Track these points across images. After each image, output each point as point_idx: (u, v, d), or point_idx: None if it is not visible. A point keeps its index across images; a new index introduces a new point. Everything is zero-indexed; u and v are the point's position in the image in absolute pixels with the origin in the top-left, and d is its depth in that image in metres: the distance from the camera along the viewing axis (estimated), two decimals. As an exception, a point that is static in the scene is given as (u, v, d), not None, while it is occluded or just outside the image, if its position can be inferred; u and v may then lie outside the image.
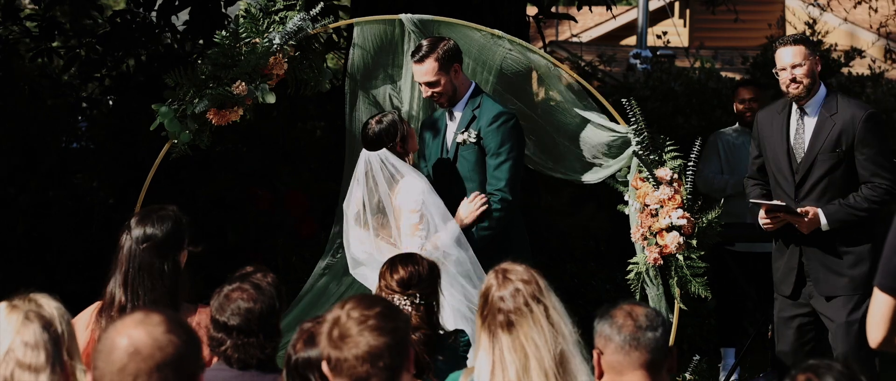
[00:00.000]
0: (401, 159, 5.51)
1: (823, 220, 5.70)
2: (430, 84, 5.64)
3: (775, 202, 5.73)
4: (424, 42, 5.70)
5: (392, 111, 5.73)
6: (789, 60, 5.74)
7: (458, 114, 5.76)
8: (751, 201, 5.87)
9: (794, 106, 5.83)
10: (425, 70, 5.63)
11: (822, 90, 5.82)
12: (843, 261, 5.75)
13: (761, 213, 5.82)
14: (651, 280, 5.69)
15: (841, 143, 5.70)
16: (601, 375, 3.31)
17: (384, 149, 5.50)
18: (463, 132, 5.71)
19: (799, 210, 5.68)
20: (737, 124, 7.60)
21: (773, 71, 5.84)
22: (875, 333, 3.64)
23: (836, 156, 5.71)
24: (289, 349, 3.32)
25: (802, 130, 5.80)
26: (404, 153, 5.53)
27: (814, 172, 5.75)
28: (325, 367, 3.09)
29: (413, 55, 5.69)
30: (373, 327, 3.05)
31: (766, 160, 5.95)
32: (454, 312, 5.26)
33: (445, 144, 5.80)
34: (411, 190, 5.48)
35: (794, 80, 5.73)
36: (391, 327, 3.08)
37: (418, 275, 4.37)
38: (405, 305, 4.30)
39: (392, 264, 4.45)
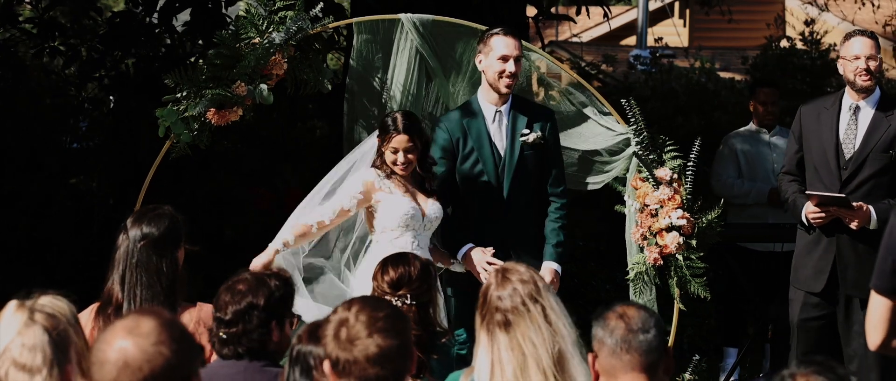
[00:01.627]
0: (379, 153, 5.48)
1: (874, 217, 5.63)
2: (516, 60, 5.55)
3: (831, 194, 5.64)
4: (500, 26, 5.64)
5: (405, 115, 5.53)
6: (867, 51, 5.69)
7: (505, 113, 5.65)
8: (807, 192, 5.76)
9: (846, 102, 5.79)
10: (517, 44, 5.57)
11: (878, 91, 5.80)
12: (873, 263, 5.69)
13: (809, 206, 5.73)
14: (650, 282, 5.69)
15: (894, 145, 5.68)
16: (597, 377, 3.31)
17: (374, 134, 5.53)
18: (528, 132, 5.62)
19: (853, 204, 5.60)
20: (751, 125, 7.51)
21: (839, 59, 5.78)
22: (874, 336, 3.63)
23: (888, 157, 5.68)
24: (293, 340, 3.33)
25: (855, 126, 5.75)
26: (382, 152, 5.48)
27: (864, 170, 5.70)
28: (327, 367, 3.09)
29: (496, 30, 5.59)
30: (382, 329, 3.06)
31: (807, 153, 5.87)
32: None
33: (495, 145, 5.64)
34: (356, 176, 5.49)
35: (867, 69, 5.68)
36: (400, 328, 3.10)
37: (408, 276, 4.38)
38: (397, 306, 4.31)
39: (383, 265, 4.47)
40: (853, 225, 5.64)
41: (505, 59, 5.54)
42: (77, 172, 8.82)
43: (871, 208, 5.63)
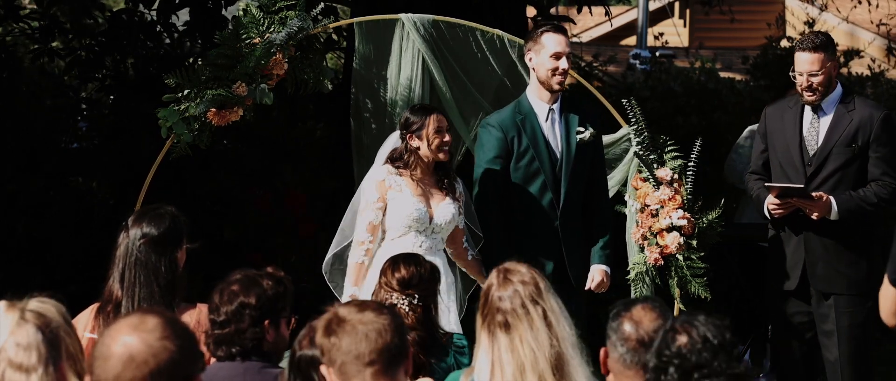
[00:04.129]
0: (404, 150, 5.44)
1: (834, 208, 5.66)
2: (567, 56, 5.51)
3: (789, 185, 5.68)
4: (546, 22, 5.62)
5: (431, 107, 5.53)
6: (806, 68, 5.69)
7: (557, 112, 5.61)
8: (765, 185, 5.81)
9: None
10: (567, 41, 5.55)
11: (839, 88, 5.81)
12: (842, 259, 5.74)
13: (770, 198, 5.77)
14: (651, 281, 5.70)
15: (857, 139, 5.70)
16: (608, 371, 3.30)
17: (396, 134, 5.50)
18: (583, 130, 5.59)
19: (813, 194, 5.64)
20: None
21: (791, 72, 5.80)
22: (891, 319, 3.59)
23: (852, 151, 5.70)
24: (294, 345, 3.33)
25: (817, 122, 5.78)
26: (413, 148, 5.42)
27: (828, 165, 5.73)
28: (323, 368, 3.09)
29: (546, 27, 5.57)
30: (369, 319, 3.07)
31: (772, 153, 5.92)
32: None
33: (551, 144, 5.60)
34: (368, 181, 5.47)
35: (809, 87, 5.70)
36: (387, 321, 3.10)
37: (419, 276, 4.37)
38: (403, 304, 4.29)
39: (394, 262, 4.45)
40: (813, 216, 5.67)
41: (557, 56, 5.50)
42: (77, 172, 8.81)
43: (831, 198, 5.66)
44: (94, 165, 8.67)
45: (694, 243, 5.63)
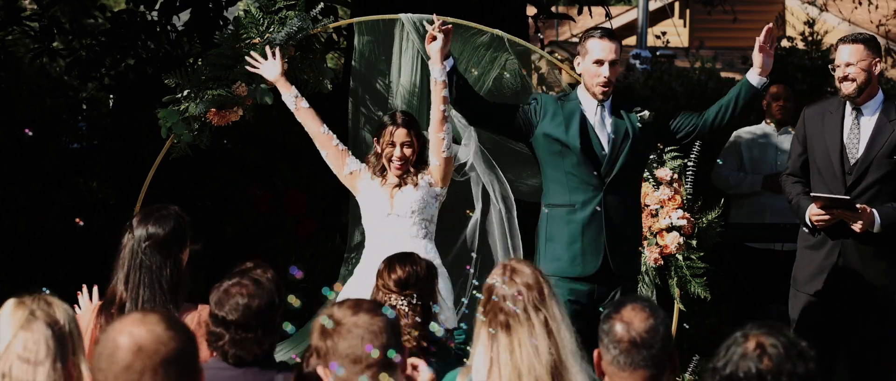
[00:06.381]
0: (376, 152, 5.53)
1: (877, 221, 5.61)
2: (613, 63, 5.34)
3: (836, 197, 5.63)
4: (598, 28, 5.52)
5: (401, 119, 5.47)
6: (844, 58, 5.68)
7: (606, 106, 5.41)
8: (812, 194, 5.73)
9: (849, 106, 5.77)
10: (614, 48, 5.38)
11: (881, 95, 5.76)
12: (878, 267, 5.69)
13: (813, 208, 5.71)
14: (651, 281, 5.70)
15: None
16: (603, 374, 3.30)
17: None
18: (640, 109, 5.45)
19: (858, 206, 5.59)
20: (762, 123, 7.62)
21: (830, 66, 5.79)
22: None
23: (892, 163, 5.65)
24: (304, 363, 3.33)
25: (857, 130, 5.73)
26: (377, 153, 5.51)
27: (868, 175, 5.68)
28: (320, 370, 3.10)
29: (594, 33, 5.42)
30: (364, 321, 3.10)
31: (811, 157, 5.84)
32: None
33: (600, 138, 5.36)
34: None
35: (846, 77, 5.67)
36: (382, 322, 3.12)
37: (416, 275, 4.36)
38: (402, 305, 4.29)
39: (390, 263, 4.44)
40: (857, 228, 5.62)
41: (599, 62, 5.34)
42: (77, 172, 8.81)
43: (874, 211, 5.62)
44: (94, 165, 8.68)
45: (694, 243, 5.63)
